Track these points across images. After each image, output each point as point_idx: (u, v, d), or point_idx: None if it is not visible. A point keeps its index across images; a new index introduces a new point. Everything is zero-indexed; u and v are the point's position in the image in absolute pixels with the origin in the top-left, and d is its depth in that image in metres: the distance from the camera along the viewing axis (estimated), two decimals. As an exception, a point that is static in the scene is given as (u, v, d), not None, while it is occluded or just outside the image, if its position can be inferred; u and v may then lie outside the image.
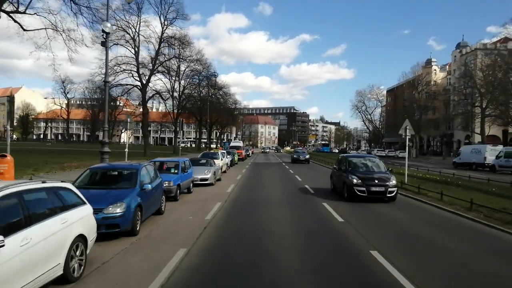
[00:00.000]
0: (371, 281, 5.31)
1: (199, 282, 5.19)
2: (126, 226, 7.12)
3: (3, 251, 3.62)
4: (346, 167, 13.54)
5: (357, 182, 12.27)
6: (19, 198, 4.20)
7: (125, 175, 8.57)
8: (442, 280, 5.37)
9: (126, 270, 5.49)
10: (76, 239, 5.03)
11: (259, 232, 8.16)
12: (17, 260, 3.85)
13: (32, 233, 4.13)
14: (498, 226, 9.09)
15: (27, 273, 4.03)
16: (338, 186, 14.06)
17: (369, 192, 12.11)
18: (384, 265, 5.85)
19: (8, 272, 3.72)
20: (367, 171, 13.28)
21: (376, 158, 14.75)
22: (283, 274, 5.48)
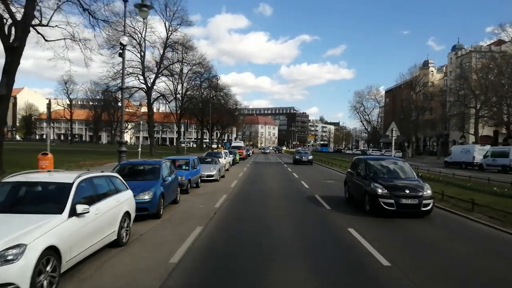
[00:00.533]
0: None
1: (215, 246, 6.95)
2: (152, 210, 8.86)
3: (87, 216, 5.35)
4: (365, 172, 10.98)
5: (382, 193, 9.68)
6: (91, 182, 5.96)
7: (150, 169, 10.34)
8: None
9: (160, 239, 7.24)
10: (124, 214, 6.77)
11: (259, 215, 9.93)
12: (93, 224, 5.59)
13: (100, 207, 5.87)
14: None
15: (97, 234, 5.76)
16: (356, 195, 11.51)
17: (399, 206, 9.50)
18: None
19: (89, 231, 5.46)
20: (393, 177, 10.68)
21: (402, 161, 12.12)
22: (278, 242, 7.22)
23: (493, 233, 8.66)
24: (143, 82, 38.47)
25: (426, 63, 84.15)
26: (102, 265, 5.65)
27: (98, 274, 5.29)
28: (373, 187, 9.97)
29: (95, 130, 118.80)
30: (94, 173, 6.36)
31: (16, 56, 15.84)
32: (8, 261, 3.95)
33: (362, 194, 10.55)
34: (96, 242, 5.72)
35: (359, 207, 10.97)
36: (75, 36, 20.38)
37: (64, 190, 5.31)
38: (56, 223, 4.73)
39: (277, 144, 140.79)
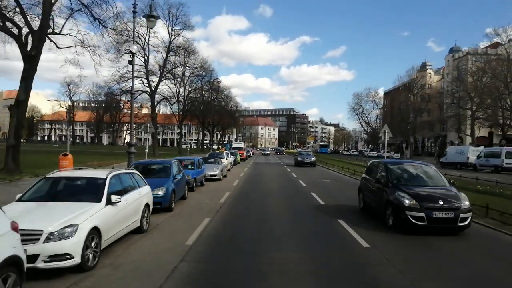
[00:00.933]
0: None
1: (221, 233, 8.10)
2: (165, 204, 10.00)
3: (119, 205, 6.49)
4: (387, 178, 9.39)
5: (410, 204, 8.03)
6: (119, 177, 7.11)
7: (162, 168, 11.49)
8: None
9: (174, 228, 8.39)
10: (145, 206, 7.90)
11: (260, 207, 11.07)
12: (123, 212, 6.72)
13: (127, 198, 7.01)
14: None
15: (125, 221, 6.90)
16: (375, 205, 9.86)
17: (431, 220, 7.85)
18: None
19: (120, 218, 6.59)
20: (420, 185, 9.06)
21: (427, 165, 10.30)
22: (276, 228, 8.36)
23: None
24: (147, 86, 39.68)
25: (424, 65, 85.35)
26: (129, 247, 6.79)
27: (127, 253, 6.43)
28: (398, 197, 8.32)
29: (97, 132, 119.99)
30: (121, 170, 7.53)
31: (33, 64, 17.00)
32: (65, 237, 5.09)
33: (383, 205, 8.88)
34: (125, 227, 6.85)
35: (377, 220, 9.35)
36: (84, 43, 21.57)
37: (100, 183, 6.46)
38: (97, 209, 5.87)
39: (277, 145, 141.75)
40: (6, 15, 16.59)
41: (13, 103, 16.96)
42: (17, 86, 17.34)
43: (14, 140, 16.61)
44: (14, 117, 16.74)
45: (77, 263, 5.17)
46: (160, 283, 5.02)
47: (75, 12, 20.22)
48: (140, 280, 5.14)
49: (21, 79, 16.90)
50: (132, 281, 5.11)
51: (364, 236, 7.81)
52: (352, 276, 5.62)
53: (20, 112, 16.92)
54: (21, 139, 18.30)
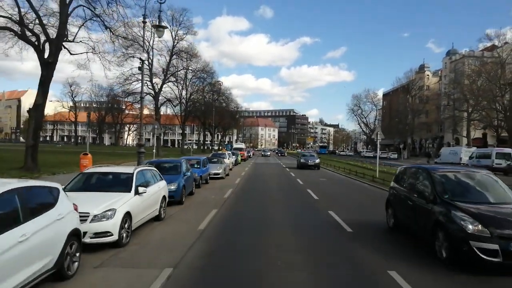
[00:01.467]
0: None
1: (227, 220, 9.49)
2: (177, 197, 11.35)
3: (144, 195, 7.83)
4: (433, 190, 6.90)
5: (475, 230, 5.64)
6: (143, 172, 8.47)
7: (173, 166, 12.85)
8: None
9: (187, 217, 9.74)
10: (162, 198, 9.26)
11: (260, 201, 12.43)
12: (147, 201, 8.07)
13: (150, 190, 8.35)
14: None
15: (148, 209, 8.24)
16: (415, 226, 7.46)
17: (508, 255, 5.40)
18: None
19: (145, 206, 7.94)
20: (482, 201, 6.65)
21: (489, 173, 7.77)
22: (276, 216, 9.72)
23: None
24: (151, 88, 41.02)
25: (422, 67, 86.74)
26: (151, 231, 8.13)
27: (151, 235, 7.77)
28: (454, 219, 5.95)
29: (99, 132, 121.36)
30: (144, 167, 8.89)
31: (50, 70, 18.36)
32: (107, 218, 6.44)
33: (431, 228, 6.49)
34: (148, 214, 8.21)
35: (420, 248, 7.02)
36: (95, 49, 22.92)
37: (128, 177, 7.82)
38: (128, 198, 7.22)
39: (277, 146, 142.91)
40: (27, 25, 17.93)
41: (11, 104, 18.27)
42: (18, 86, 18.77)
43: (33, 140, 17.96)
44: (32, 120, 18.09)
45: (115, 240, 6.51)
46: (182, 255, 6.35)
47: (87, 21, 21.54)
48: (165, 253, 6.47)
49: (39, 84, 18.25)
50: (159, 254, 6.45)
51: None
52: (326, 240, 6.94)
53: (38, 115, 18.27)
54: (39, 140, 19.62)
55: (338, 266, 6.05)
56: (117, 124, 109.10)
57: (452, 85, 63.38)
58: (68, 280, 5.07)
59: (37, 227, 4.40)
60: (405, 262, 6.15)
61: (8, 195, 4.19)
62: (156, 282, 5.02)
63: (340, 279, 5.44)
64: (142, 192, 7.67)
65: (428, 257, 6.32)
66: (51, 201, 5.02)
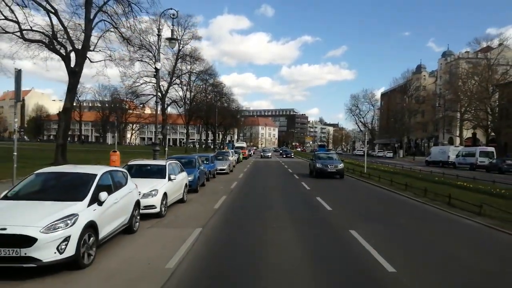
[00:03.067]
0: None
1: (235, 203, 12.09)
2: (194, 186, 13.93)
3: (174, 181, 10.41)
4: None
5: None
6: (171, 165, 11.07)
7: (189, 161, 15.44)
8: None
9: (203, 201, 12.33)
10: (185, 185, 11.83)
11: (261, 191, 15.03)
12: (176, 186, 10.66)
13: (178, 177, 10.94)
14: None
15: (176, 193, 10.84)
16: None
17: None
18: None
19: (174, 190, 10.53)
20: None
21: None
22: (275, 203, 12.30)
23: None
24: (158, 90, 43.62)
25: (419, 67, 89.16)
26: (179, 209, 10.70)
27: (180, 211, 10.36)
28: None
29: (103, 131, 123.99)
30: (172, 161, 11.47)
31: (76, 78, 20.96)
32: (152, 195, 9.01)
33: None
34: (176, 196, 10.80)
35: None
36: (112, 57, 25.48)
37: (162, 167, 10.42)
38: (164, 183, 9.81)
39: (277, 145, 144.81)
40: (58, 39, 20.49)
41: (18, 104, 20.72)
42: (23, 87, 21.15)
43: (62, 140, 20.55)
44: (62, 122, 20.68)
45: (158, 211, 9.10)
46: (206, 222, 8.93)
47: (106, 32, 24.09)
48: (194, 221, 9.03)
49: (67, 91, 20.83)
50: (190, 222, 9.01)
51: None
52: (316, 221, 9.44)
53: (66, 117, 20.85)
54: (67, 139, 22.21)
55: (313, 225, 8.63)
56: (121, 123, 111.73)
57: (446, 86, 65.79)
58: (134, 233, 7.64)
59: (120, 196, 6.98)
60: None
61: (106, 174, 6.77)
62: (192, 235, 7.58)
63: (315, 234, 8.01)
64: (173, 179, 10.26)
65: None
66: (125, 180, 7.60)
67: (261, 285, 5.07)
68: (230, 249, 6.88)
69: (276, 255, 6.42)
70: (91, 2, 20.82)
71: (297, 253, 6.59)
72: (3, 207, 5.51)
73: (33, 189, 6.28)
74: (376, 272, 5.57)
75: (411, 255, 6.68)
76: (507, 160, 32.98)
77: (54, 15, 19.97)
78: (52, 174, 6.79)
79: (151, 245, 6.91)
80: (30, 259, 4.84)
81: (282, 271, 5.57)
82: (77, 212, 5.43)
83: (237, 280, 5.29)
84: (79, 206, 5.60)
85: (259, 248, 6.85)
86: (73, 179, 6.54)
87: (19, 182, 6.57)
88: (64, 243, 5.07)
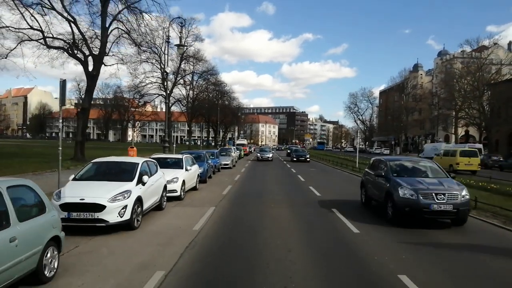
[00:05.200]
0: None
1: (240, 190, 14.25)
2: (203, 177, 16.07)
3: (189, 172, 12.57)
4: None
5: None
6: (189, 157, 13.24)
7: (199, 156, 17.55)
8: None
9: (212, 189, 14.51)
10: (197, 175, 13.99)
11: (260, 182, 17.20)
12: (191, 176, 12.82)
13: (192, 168, 13.12)
14: None
15: (191, 181, 13.02)
16: None
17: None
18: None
19: (189, 178, 12.70)
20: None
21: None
22: (275, 192, 14.46)
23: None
24: (163, 90, 45.67)
25: (416, 66, 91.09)
26: (193, 195, 12.84)
27: (195, 196, 12.50)
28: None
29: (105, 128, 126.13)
30: (186, 154, 13.62)
31: (94, 81, 23.06)
32: (174, 182, 11.16)
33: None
34: (190, 184, 12.96)
35: None
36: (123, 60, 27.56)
37: (180, 160, 12.58)
38: (182, 172, 11.97)
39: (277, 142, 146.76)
40: (79, 46, 22.58)
41: (17, 101, 22.95)
42: (23, 84, 23.08)
43: (81, 137, 22.68)
44: (81, 121, 22.80)
45: (178, 195, 11.26)
46: (217, 203, 11.09)
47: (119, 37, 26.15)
48: (207, 203, 11.14)
49: (85, 92, 22.96)
50: (204, 203, 11.13)
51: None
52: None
53: (85, 117, 22.97)
54: (86, 137, 24.31)
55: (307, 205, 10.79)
56: (124, 121, 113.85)
57: (441, 85, 67.69)
58: (163, 210, 9.77)
59: (154, 180, 9.12)
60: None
61: (144, 163, 8.93)
62: (208, 211, 9.72)
63: (307, 212, 10.16)
64: (189, 170, 12.41)
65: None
66: (155, 168, 9.75)
67: (262, 236, 7.32)
68: (237, 220, 9.08)
69: (271, 222, 8.66)
70: (106, 12, 22.88)
71: (285, 220, 8.79)
72: (77, 185, 7.65)
73: (93, 173, 8.43)
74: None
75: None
76: (493, 157, 35.18)
77: (73, 24, 22.03)
78: (105, 162, 8.96)
79: (178, 217, 9.07)
80: (101, 220, 6.98)
81: (276, 229, 7.76)
82: (130, 189, 7.58)
83: (244, 236, 7.46)
84: (130, 185, 7.74)
85: (260, 219, 9.04)
86: (122, 166, 8.72)
87: (82, 169, 8.73)
88: (123, 210, 7.21)
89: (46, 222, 4.85)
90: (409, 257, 6.21)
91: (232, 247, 6.69)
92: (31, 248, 4.39)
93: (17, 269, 4.16)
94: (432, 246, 6.98)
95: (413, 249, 6.75)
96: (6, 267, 3.93)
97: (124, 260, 5.72)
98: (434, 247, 6.92)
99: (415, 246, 6.91)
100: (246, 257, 6.05)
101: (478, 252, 6.72)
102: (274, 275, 5.22)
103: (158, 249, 6.32)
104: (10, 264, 3.99)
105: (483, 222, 9.37)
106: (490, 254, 6.61)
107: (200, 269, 5.47)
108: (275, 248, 6.57)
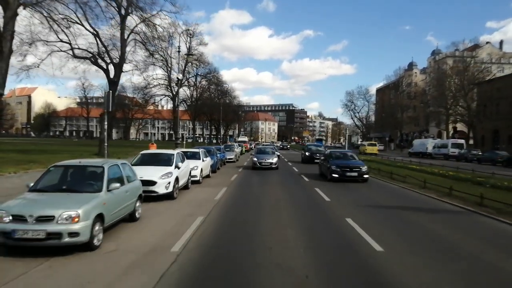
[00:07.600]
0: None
1: (242, 180, 17.66)
2: (213, 168, 19.51)
3: (206, 161, 16.01)
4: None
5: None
6: (203, 151, 16.68)
7: (208, 150, 20.87)
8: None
9: (222, 176, 17.99)
10: (210, 166, 17.40)
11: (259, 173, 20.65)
12: (207, 164, 16.30)
13: (207, 160, 16.61)
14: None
15: (206, 169, 16.49)
16: None
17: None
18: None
19: (207, 166, 16.24)
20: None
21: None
22: (275, 184, 17.89)
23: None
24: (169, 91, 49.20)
25: (410, 65, 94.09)
26: (207, 181, 16.26)
27: (210, 181, 15.92)
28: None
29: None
30: (201, 149, 17.06)
31: (115, 86, 26.40)
32: (194, 169, 14.57)
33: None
34: (206, 172, 16.40)
35: None
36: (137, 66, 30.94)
37: (198, 153, 16.01)
38: (200, 162, 15.40)
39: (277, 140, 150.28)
40: (103, 56, 25.97)
41: (21, 100, 26.18)
42: (25, 83, 26.02)
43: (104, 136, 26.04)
44: (104, 121, 26.12)
45: (198, 179, 14.72)
46: (229, 184, 14.49)
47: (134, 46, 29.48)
48: (220, 185, 14.54)
49: (108, 97, 26.25)
50: (217, 185, 14.53)
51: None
52: (297, 186, 15.05)
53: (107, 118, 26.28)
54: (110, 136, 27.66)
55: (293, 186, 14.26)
56: (128, 119, 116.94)
57: (432, 83, 70.76)
58: (189, 190, 13.19)
59: (184, 166, 12.57)
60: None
61: (178, 153, 12.36)
62: (222, 190, 13.17)
63: (295, 190, 13.60)
64: (204, 160, 15.84)
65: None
66: (183, 158, 13.15)
67: (261, 199, 10.84)
68: (244, 195, 12.59)
69: (268, 198, 12.14)
70: (124, 26, 26.25)
71: (279, 196, 12.31)
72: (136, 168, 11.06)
73: (143, 160, 11.87)
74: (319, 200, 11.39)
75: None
76: (473, 151, 38.60)
77: (97, 37, 25.40)
78: (149, 154, 12.40)
79: (201, 193, 12.57)
80: (154, 192, 10.42)
81: (272, 204, 11.24)
82: (171, 171, 11.02)
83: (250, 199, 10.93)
84: (171, 168, 11.22)
85: (261, 195, 12.52)
86: (163, 155, 12.17)
87: (134, 158, 12.20)
88: (168, 185, 10.66)
89: (137, 185, 8.31)
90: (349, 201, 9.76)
91: (242, 206, 10.39)
92: (131, 198, 7.83)
93: (126, 209, 7.60)
94: (356, 194, 12.41)
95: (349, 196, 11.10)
96: (124, 205, 7.37)
97: (176, 213, 9.20)
98: (358, 196, 12.42)
99: (349, 195, 10.65)
100: (252, 207, 9.90)
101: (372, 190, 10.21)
102: (270, 214, 8.72)
103: (195, 208, 9.80)
104: (125, 205, 7.42)
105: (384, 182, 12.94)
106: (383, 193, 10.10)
107: (223, 216, 9.00)
108: (269, 201, 10.45)
